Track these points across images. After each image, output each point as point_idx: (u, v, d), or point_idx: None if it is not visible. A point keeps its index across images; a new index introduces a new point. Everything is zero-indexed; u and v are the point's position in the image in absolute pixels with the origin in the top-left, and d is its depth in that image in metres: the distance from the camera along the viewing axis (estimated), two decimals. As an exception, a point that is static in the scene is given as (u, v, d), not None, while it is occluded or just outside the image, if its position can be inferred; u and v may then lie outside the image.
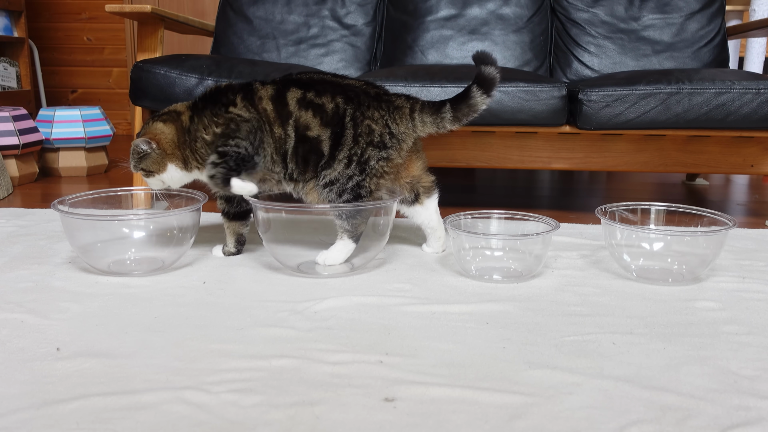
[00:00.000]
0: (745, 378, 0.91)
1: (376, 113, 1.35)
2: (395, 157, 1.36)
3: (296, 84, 1.38)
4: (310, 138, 1.34)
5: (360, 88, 1.38)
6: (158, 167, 1.38)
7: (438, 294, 1.24)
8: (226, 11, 2.51)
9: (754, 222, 1.98)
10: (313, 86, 1.37)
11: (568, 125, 1.89)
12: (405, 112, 1.36)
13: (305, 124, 1.34)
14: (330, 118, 1.34)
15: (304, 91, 1.36)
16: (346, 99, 1.35)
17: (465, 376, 0.90)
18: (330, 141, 1.34)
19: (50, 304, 1.16)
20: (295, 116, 1.35)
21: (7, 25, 3.16)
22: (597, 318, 1.13)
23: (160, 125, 1.39)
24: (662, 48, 2.30)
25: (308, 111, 1.35)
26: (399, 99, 1.38)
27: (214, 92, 1.40)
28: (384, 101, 1.37)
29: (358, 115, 1.34)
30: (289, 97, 1.36)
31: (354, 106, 1.35)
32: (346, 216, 1.33)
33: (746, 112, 1.75)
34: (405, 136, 1.36)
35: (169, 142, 1.37)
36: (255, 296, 1.22)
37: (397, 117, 1.36)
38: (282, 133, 1.35)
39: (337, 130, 1.34)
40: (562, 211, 2.10)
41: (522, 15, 2.38)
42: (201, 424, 0.77)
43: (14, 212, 1.91)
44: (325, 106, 1.35)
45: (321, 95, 1.35)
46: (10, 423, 0.77)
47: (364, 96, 1.36)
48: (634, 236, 1.37)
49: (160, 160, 1.38)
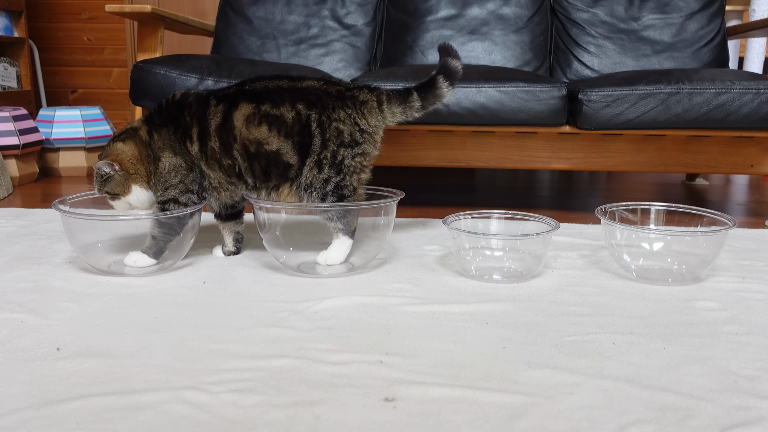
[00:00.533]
0: (745, 378, 0.91)
1: (342, 113, 1.33)
2: (371, 150, 1.36)
3: (248, 97, 1.34)
4: (268, 152, 1.32)
5: (321, 90, 1.35)
6: (123, 189, 1.34)
7: (438, 294, 1.24)
8: (226, 11, 2.51)
9: (754, 222, 1.98)
10: (268, 97, 1.33)
11: (568, 125, 1.89)
12: (372, 105, 1.36)
13: (258, 141, 1.32)
14: (291, 128, 1.32)
15: (257, 104, 1.32)
16: (308, 104, 1.32)
17: (465, 376, 0.90)
18: (295, 150, 1.32)
19: (50, 304, 1.16)
20: (241, 138, 1.32)
21: (7, 25, 3.16)
22: (597, 318, 1.13)
23: (119, 145, 1.36)
24: (662, 48, 2.30)
25: (261, 126, 1.31)
26: (363, 93, 1.36)
27: (172, 106, 1.37)
28: (348, 98, 1.35)
29: (324, 120, 1.32)
30: (236, 117, 1.32)
31: (318, 110, 1.32)
32: (338, 216, 1.33)
33: (746, 112, 1.75)
34: (376, 128, 1.37)
35: (130, 159, 1.34)
36: (255, 296, 1.22)
37: (365, 111, 1.35)
38: (230, 161, 1.34)
39: (303, 140, 1.32)
40: (562, 211, 2.10)
41: (522, 15, 2.38)
42: (201, 424, 0.77)
43: (14, 212, 1.91)
44: (285, 116, 1.32)
45: (278, 105, 1.32)
46: (10, 423, 0.77)
47: (327, 97, 1.34)
48: (634, 236, 1.37)
49: (124, 182, 1.34)
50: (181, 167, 1.33)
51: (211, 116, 1.34)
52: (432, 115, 1.84)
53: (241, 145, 1.32)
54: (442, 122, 1.86)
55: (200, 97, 1.37)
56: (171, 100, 1.38)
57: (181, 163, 1.33)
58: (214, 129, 1.33)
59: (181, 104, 1.36)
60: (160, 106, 1.38)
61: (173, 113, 1.35)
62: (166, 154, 1.33)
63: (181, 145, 1.34)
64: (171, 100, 1.38)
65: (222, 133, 1.33)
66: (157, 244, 1.34)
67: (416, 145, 1.99)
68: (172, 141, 1.34)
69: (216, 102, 1.35)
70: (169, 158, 1.33)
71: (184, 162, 1.34)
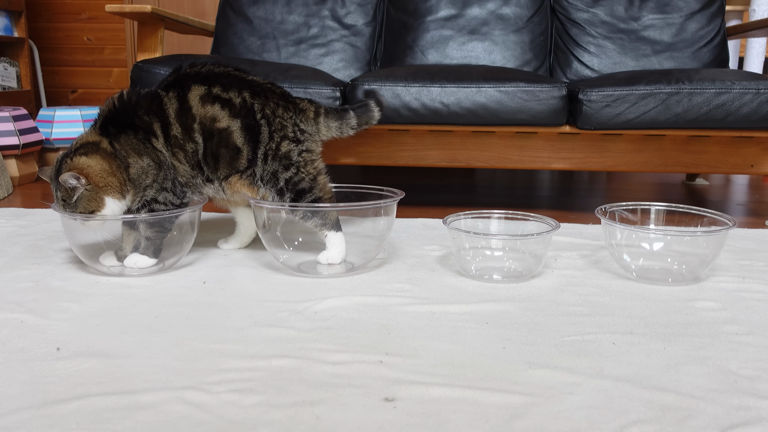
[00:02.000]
0: (745, 378, 0.91)
1: (285, 113, 1.36)
2: (314, 148, 1.40)
3: (196, 80, 1.34)
4: (219, 130, 1.33)
5: (266, 86, 1.38)
6: (97, 204, 1.27)
7: (438, 294, 1.24)
8: (226, 11, 2.51)
9: (754, 222, 1.98)
10: (217, 80, 1.35)
11: (568, 125, 1.89)
12: (309, 115, 1.40)
13: (212, 117, 1.33)
14: (238, 110, 1.33)
15: (209, 87, 1.34)
16: (253, 93, 1.35)
17: (465, 376, 0.90)
18: (242, 132, 1.33)
19: (50, 304, 1.16)
20: (199, 117, 1.32)
21: (7, 25, 3.16)
22: (597, 318, 1.13)
23: (83, 159, 1.27)
24: (662, 48, 2.30)
25: (214, 105, 1.33)
26: (303, 102, 1.41)
27: (121, 112, 1.32)
28: (291, 102, 1.39)
29: (268, 112, 1.34)
30: (191, 98, 1.33)
31: (262, 101, 1.35)
32: (312, 213, 1.34)
33: (746, 112, 1.75)
34: (313, 134, 1.40)
35: (99, 173, 1.27)
36: (255, 296, 1.22)
37: (302, 118, 1.39)
38: (192, 145, 1.34)
39: (249, 122, 1.33)
40: (562, 211, 2.10)
41: (522, 15, 2.38)
42: (201, 424, 0.77)
43: (14, 212, 1.91)
44: (233, 100, 1.34)
45: (227, 90, 1.34)
46: (10, 423, 0.77)
47: (271, 93, 1.37)
48: (634, 236, 1.37)
49: (96, 197, 1.26)
50: (150, 167, 1.31)
51: (167, 106, 1.33)
52: (432, 115, 1.84)
53: (199, 123, 1.33)
54: (442, 122, 1.86)
55: (145, 94, 1.34)
56: (114, 107, 1.33)
57: (149, 164, 1.31)
58: (174, 116, 1.32)
59: (128, 107, 1.32)
60: (107, 117, 1.32)
61: (126, 119, 1.32)
62: (132, 159, 1.30)
63: (145, 145, 1.31)
64: (114, 108, 1.33)
65: (181, 117, 1.33)
66: (153, 243, 1.34)
67: (416, 145, 1.99)
68: (135, 144, 1.31)
69: (165, 91, 1.34)
70: (136, 162, 1.30)
71: (152, 161, 1.31)
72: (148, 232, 1.33)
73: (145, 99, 1.34)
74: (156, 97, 1.34)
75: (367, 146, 2.00)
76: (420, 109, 1.83)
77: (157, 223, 1.32)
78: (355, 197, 1.49)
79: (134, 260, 1.34)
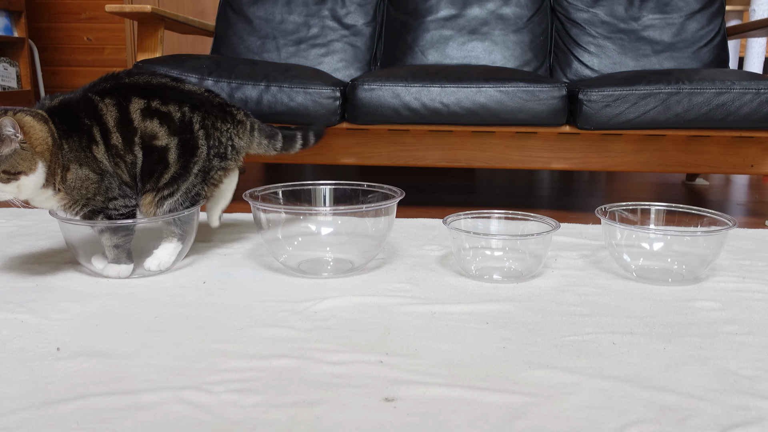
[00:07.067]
0: (745, 378, 0.91)
1: (222, 125, 1.36)
2: (232, 167, 1.41)
3: (136, 92, 1.29)
4: (158, 148, 1.29)
5: (204, 96, 1.36)
6: (29, 165, 1.15)
7: (438, 294, 1.24)
8: (226, 11, 2.51)
9: (754, 222, 1.98)
10: (156, 94, 1.30)
11: (568, 125, 1.89)
12: (246, 127, 1.40)
13: (151, 134, 1.29)
14: (178, 126, 1.30)
15: (148, 100, 1.29)
16: (192, 107, 1.32)
17: (465, 376, 0.90)
18: (177, 150, 1.30)
19: (50, 304, 1.16)
20: (140, 131, 1.28)
21: (7, 25, 3.16)
22: (597, 318, 1.13)
23: (28, 118, 1.17)
24: (662, 48, 2.30)
25: (153, 120, 1.28)
26: (240, 113, 1.41)
27: (63, 111, 1.24)
28: (228, 113, 1.38)
29: (208, 125, 1.33)
30: (132, 110, 1.28)
31: (202, 115, 1.33)
32: (182, 221, 1.33)
33: (746, 112, 1.75)
34: (243, 150, 1.41)
35: (40, 139, 1.17)
36: (255, 296, 1.22)
37: (240, 131, 1.39)
38: (132, 156, 1.29)
39: (186, 138, 1.31)
40: (562, 211, 2.10)
41: (522, 15, 2.38)
42: (201, 424, 0.77)
43: (14, 212, 1.91)
44: (172, 114, 1.30)
45: (166, 103, 1.31)
46: (10, 423, 0.77)
47: (209, 105, 1.35)
48: (634, 236, 1.37)
49: (31, 158, 1.15)
50: (89, 179, 1.24)
51: (104, 112, 1.27)
52: (432, 115, 1.84)
53: (140, 138, 1.28)
54: (442, 122, 1.86)
55: (80, 97, 1.28)
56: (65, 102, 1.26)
57: (88, 174, 1.24)
58: (113, 125, 1.27)
59: (69, 108, 1.25)
60: (51, 108, 1.24)
61: (69, 118, 1.24)
62: (73, 166, 1.23)
63: (86, 153, 1.24)
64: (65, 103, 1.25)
65: (122, 127, 1.27)
66: (124, 249, 1.30)
67: (416, 145, 1.99)
68: (77, 151, 1.23)
69: (100, 98, 1.27)
70: (76, 170, 1.23)
71: (92, 172, 1.25)
72: (114, 239, 1.28)
73: (80, 101, 1.26)
74: (89, 100, 1.27)
75: (367, 146, 2.00)
76: (420, 109, 1.83)
77: (122, 228, 1.29)
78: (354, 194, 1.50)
79: (117, 271, 1.30)
